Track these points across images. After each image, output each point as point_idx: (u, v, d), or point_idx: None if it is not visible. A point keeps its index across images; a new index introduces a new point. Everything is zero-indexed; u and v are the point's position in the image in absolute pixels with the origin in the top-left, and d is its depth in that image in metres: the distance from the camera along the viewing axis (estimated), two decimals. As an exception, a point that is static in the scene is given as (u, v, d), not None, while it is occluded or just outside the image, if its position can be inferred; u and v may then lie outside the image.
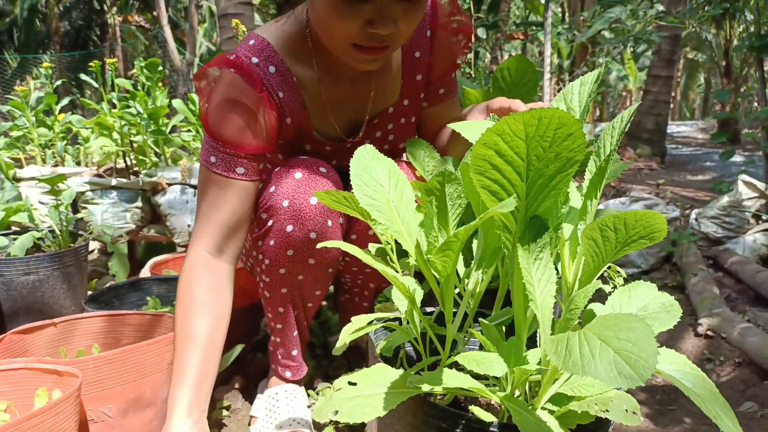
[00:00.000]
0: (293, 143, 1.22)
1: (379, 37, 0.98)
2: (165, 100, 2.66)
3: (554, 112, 0.55)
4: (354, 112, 1.22)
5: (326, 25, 1.00)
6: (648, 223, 0.60)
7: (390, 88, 1.23)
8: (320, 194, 0.77)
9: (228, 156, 1.06)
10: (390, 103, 1.24)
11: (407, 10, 0.97)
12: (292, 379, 1.29)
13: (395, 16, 0.96)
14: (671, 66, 6.11)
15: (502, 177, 0.62)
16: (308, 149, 1.23)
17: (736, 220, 2.76)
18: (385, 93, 1.23)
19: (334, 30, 0.99)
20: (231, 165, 1.07)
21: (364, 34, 0.97)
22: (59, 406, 0.88)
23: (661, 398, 1.55)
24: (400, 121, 1.27)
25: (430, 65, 1.24)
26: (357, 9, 0.94)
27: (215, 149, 1.07)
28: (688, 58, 16.46)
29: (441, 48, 1.22)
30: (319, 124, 1.20)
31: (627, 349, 0.48)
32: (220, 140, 1.06)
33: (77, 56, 11.75)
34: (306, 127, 1.19)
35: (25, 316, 1.71)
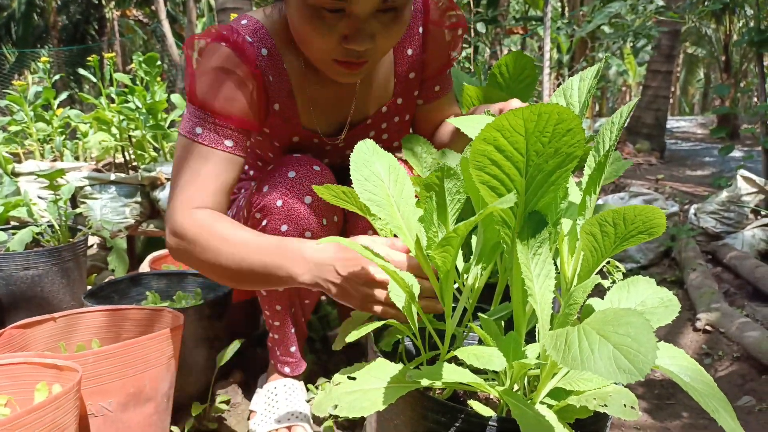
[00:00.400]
0: (280, 134, 1.19)
1: (355, 53, 0.95)
2: (163, 94, 2.65)
3: (554, 107, 0.55)
4: (341, 111, 1.20)
5: (302, 38, 0.97)
6: (647, 218, 0.60)
7: (383, 87, 1.21)
8: (320, 189, 0.77)
9: (216, 127, 1.02)
10: (383, 102, 1.22)
11: (386, 25, 0.94)
12: (291, 374, 1.29)
13: (373, 31, 0.93)
14: (671, 61, 6.10)
15: (501, 172, 0.62)
16: (296, 141, 1.20)
17: (735, 215, 2.77)
18: (377, 92, 1.21)
19: (311, 44, 0.96)
20: (219, 137, 1.02)
21: (341, 49, 0.94)
22: (59, 400, 0.88)
23: (659, 393, 1.56)
24: (393, 120, 1.26)
25: (424, 62, 1.22)
26: (331, 24, 0.91)
27: (202, 120, 1.02)
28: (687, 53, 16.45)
29: (435, 45, 1.20)
30: (306, 119, 1.18)
31: (626, 344, 0.48)
32: (209, 110, 1.01)
33: (75, 51, 11.71)
34: (293, 119, 1.16)
35: (25, 311, 1.71)
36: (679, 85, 19.80)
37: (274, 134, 1.18)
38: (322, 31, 0.92)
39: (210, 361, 1.39)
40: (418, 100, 1.27)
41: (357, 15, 0.90)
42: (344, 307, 1.54)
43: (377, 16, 0.92)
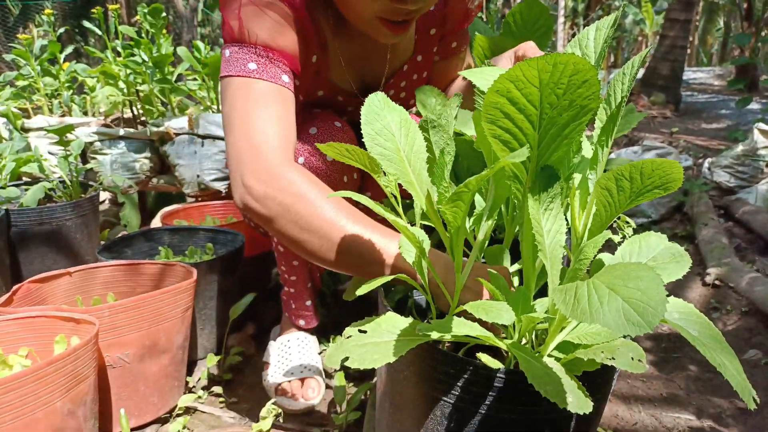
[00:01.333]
0: (309, 87, 1.16)
1: (405, 11, 0.92)
2: (170, 47, 2.61)
3: (570, 57, 0.53)
4: (368, 70, 1.19)
5: (349, 1, 0.94)
6: (665, 172, 0.59)
7: (404, 45, 1.19)
8: (323, 147, 0.76)
9: (271, 62, 0.94)
10: (404, 60, 1.21)
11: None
12: (306, 327, 1.31)
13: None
14: (690, 9, 5.90)
15: (514, 126, 0.61)
16: (321, 95, 1.19)
17: (749, 169, 2.73)
18: (401, 50, 1.19)
19: (360, 5, 0.93)
20: (276, 72, 0.94)
21: (391, 8, 0.91)
22: (78, 351, 0.90)
23: (666, 346, 1.57)
24: (412, 78, 1.25)
25: (444, 18, 1.20)
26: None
27: (254, 55, 0.94)
28: (707, 0, 15.87)
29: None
30: (334, 75, 1.16)
31: (636, 297, 0.48)
32: (263, 46, 0.94)
33: (79, 2, 11.50)
34: (324, 72, 1.13)
35: (40, 266, 1.74)
36: (697, 35, 19.21)
37: (303, 87, 1.14)
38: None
39: (223, 314, 1.42)
40: (435, 56, 1.25)
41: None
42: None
43: None
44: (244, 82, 0.93)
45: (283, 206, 0.84)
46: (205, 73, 2.56)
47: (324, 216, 0.82)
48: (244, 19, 0.95)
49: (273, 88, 0.93)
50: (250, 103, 0.92)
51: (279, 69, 0.95)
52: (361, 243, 0.82)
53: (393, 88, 1.24)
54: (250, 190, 0.86)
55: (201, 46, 2.58)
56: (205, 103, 2.71)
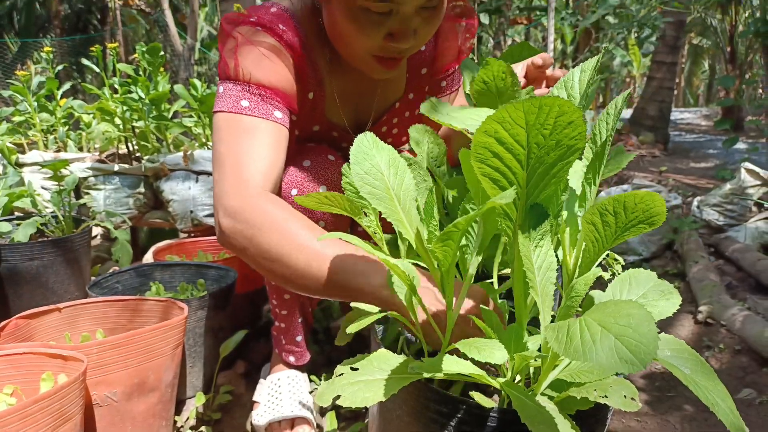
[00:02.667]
0: (305, 122, 1.18)
1: (397, 50, 0.96)
2: (167, 85, 2.65)
3: (555, 100, 0.55)
4: (360, 107, 1.22)
5: (344, 37, 0.97)
6: (647, 206, 0.60)
7: (396, 83, 1.22)
8: (300, 198, 0.77)
9: (263, 99, 0.97)
10: (396, 98, 1.24)
11: (426, 20, 0.95)
12: (296, 364, 1.30)
13: (415, 27, 0.94)
14: (675, 52, 6.07)
15: (502, 165, 0.62)
16: (316, 130, 1.20)
17: (738, 207, 2.76)
18: (392, 88, 1.22)
19: (353, 43, 0.96)
20: (268, 108, 0.97)
21: (384, 47, 0.95)
22: (65, 390, 0.89)
23: (660, 385, 1.56)
24: (404, 115, 1.27)
25: (435, 57, 1.23)
26: (377, 23, 0.92)
27: (247, 92, 0.97)
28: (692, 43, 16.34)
29: (445, 39, 1.21)
30: (329, 111, 1.18)
31: (627, 335, 0.48)
32: (255, 83, 0.97)
33: (78, 41, 11.68)
34: (320, 108, 1.16)
35: (30, 302, 1.72)
36: (683, 77, 19.69)
37: (299, 122, 1.16)
38: (367, 30, 0.92)
39: (213, 351, 1.40)
40: (426, 95, 1.28)
41: (403, 14, 0.91)
42: (347, 299, 1.54)
43: (419, 12, 0.93)
44: (235, 119, 0.95)
45: (248, 239, 0.86)
46: (201, 111, 2.60)
47: (287, 241, 0.84)
48: (239, 57, 0.98)
49: (263, 124, 0.96)
50: (238, 139, 0.94)
51: (271, 106, 0.97)
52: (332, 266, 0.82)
53: (386, 124, 1.27)
54: (222, 226, 0.89)
55: (198, 83, 2.62)
56: (200, 139, 2.74)
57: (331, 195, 0.76)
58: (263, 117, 0.96)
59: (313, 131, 1.20)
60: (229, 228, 0.88)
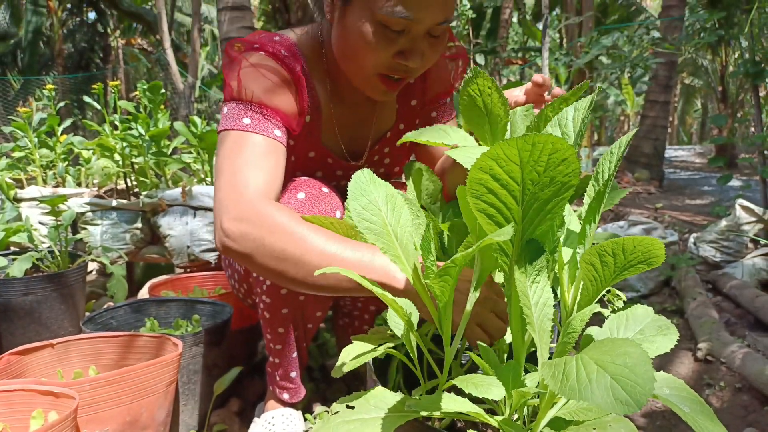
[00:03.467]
0: (301, 147, 1.20)
1: (405, 68, 1.00)
2: (167, 122, 2.68)
3: (548, 138, 0.56)
4: (355, 136, 1.25)
5: (354, 54, 1.01)
6: (646, 248, 0.61)
7: (387, 113, 1.26)
8: (308, 217, 0.78)
9: (264, 118, 1.01)
10: (387, 127, 1.28)
11: (432, 45, 1.00)
12: (290, 401, 1.28)
13: (423, 49, 0.98)
14: (668, 91, 6.18)
15: (498, 201, 0.63)
16: (312, 156, 1.23)
17: (734, 244, 2.77)
18: (384, 118, 1.26)
19: (363, 59, 1.00)
20: (269, 126, 1.01)
21: (392, 64, 0.99)
22: (55, 428, 0.87)
23: (661, 424, 1.54)
24: (395, 145, 1.30)
25: (425, 89, 1.27)
26: (390, 40, 0.96)
27: (249, 111, 1.01)
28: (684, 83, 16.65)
29: (435, 72, 1.26)
30: (325, 138, 1.21)
31: (624, 375, 0.48)
32: (257, 102, 1.01)
33: (80, 78, 11.86)
34: (316, 134, 1.19)
35: (23, 337, 1.70)
36: (677, 115, 20.00)
37: (296, 147, 1.19)
38: (380, 46, 0.96)
39: (208, 388, 1.38)
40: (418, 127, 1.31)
41: (415, 34, 0.96)
42: (342, 334, 1.53)
43: (426, 37, 0.98)
44: (237, 135, 0.99)
45: (257, 241, 0.86)
46: (200, 147, 2.62)
47: (298, 243, 0.84)
48: (242, 79, 1.03)
49: (264, 140, 1.00)
50: (240, 153, 0.97)
51: (272, 124, 1.02)
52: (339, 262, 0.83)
53: (377, 154, 1.30)
54: (227, 231, 0.89)
55: (197, 121, 2.65)
56: (198, 175, 2.75)
57: (336, 221, 0.77)
58: (264, 134, 1.00)
59: (308, 157, 1.23)
60: (234, 232, 0.88)
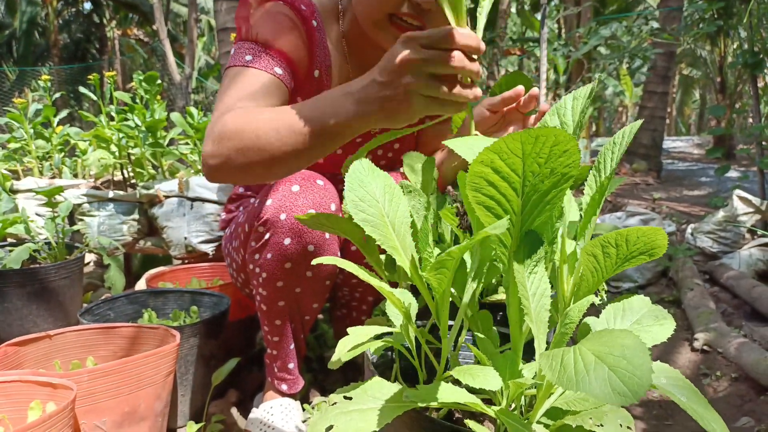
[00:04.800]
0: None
1: (418, 10, 0.98)
2: (163, 113, 2.67)
3: (551, 130, 0.56)
4: None
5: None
6: (650, 239, 0.61)
7: None
8: (300, 217, 0.78)
9: (268, 55, 1.02)
10: None
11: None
12: (289, 392, 1.28)
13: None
14: (666, 82, 6.17)
15: (497, 193, 0.62)
16: None
17: (731, 235, 2.77)
18: None
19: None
20: (270, 63, 1.02)
21: (406, 3, 0.98)
22: (53, 419, 0.87)
23: (657, 413, 1.55)
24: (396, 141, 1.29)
25: None
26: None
27: (253, 50, 1.02)
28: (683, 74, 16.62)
29: None
30: None
31: (621, 366, 0.48)
32: (262, 42, 1.03)
33: (76, 69, 11.79)
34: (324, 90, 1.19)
35: (20, 328, 1.70)
36: (675, 106, 19.98)
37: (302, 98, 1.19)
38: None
39: (206, 379, 1.38)
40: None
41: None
42: (340, 325, 1.53)
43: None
44: (238, 70, 1.00)
45: (231, 141, 0.85)
46: (197, 138, 2.61)
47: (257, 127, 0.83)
48: (252, 21, 1.04)
49: (260, 74, 1.00)
50: (233, 85, 0.98)
51: (273, 61, 1.02)
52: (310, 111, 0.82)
53: (380, 147, 1.29)
54: (204, 154, 0.89)
55: (194, 111, 2.64)
56: (195, 166, 2.74)
57: (332, 217, 0.76)
58: (263, 69, 1.00)
59: None
60: (209, 151, 0.88)
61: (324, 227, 0.79)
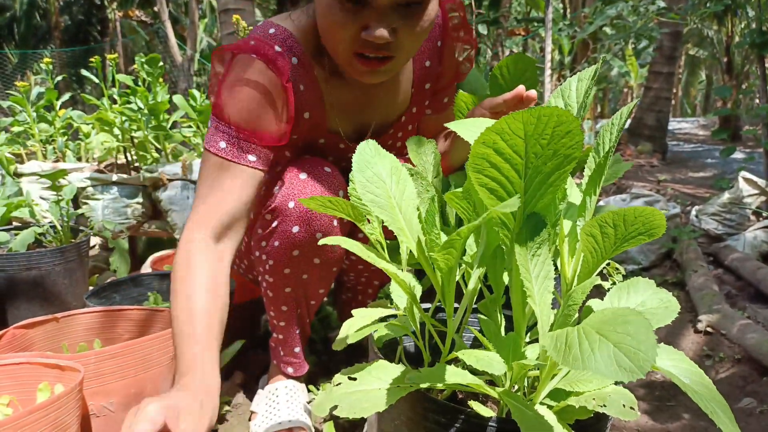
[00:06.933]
0: (306, 138, 1.19)
1: (375, 45, 0.95)
2: (166, 95, 2.66)
3: (553, 110, 0.55)
4: (366, 118, 1.23)
5: (326, 32, 0.99)
6: (647, 219, 0.61)
7: (401, 96, 1.24)
8: (305, 200, 0.78)
9: (241, 142, 1.01)
10: (401, 111, 1.26)
11: (406, 18, 0.94)
12: (294, 375, 1.29)
13: (393, 24, 0.94)
14: (672, 62, 6.10)
15: (500, 175, 0.62)
16: (322, 143, 1.22)
17: (736, 216, 2.76)
18: (396, 101, 1.24)
19: (333, 37, 0.97)
20: (243, 152, 1.01)
21: (361, 40, 0.95)
22: (61, 400, 0.88)
23: (660, 394, 1.56)
24: (408, 128, 1.30)
25: (439, 75, 1.26)
26: (353, 14, 0.93)
27: (226, 134, 1.01)
28: (689, 54, 16.42)
29: (449, 58, 1.24)
30: (332, 123, 1.19)
31: (626, 342, 0.48)
32: (234, 126, 1.01)
33: (78, 52, 11.73)
34: (322, 124, 1.17)
35: (27, 311, 1.71)
36: (681, 87, 19.79)
37: (301, 139, 1.19)
38: (343, 21, 0.93)
39: (211, 361, 1.39)
40: (427, 110, 1.31)
41: (377, 6, 0.92)
42: (345, 309, 1.54)
43: (398, 9, 0.94)
44: (213, 160, 1.02)
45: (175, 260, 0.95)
46: (200, 121, 2.60)
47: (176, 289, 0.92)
48: (222, 97, 1.02)
49: (234, 169, 1.02)
50: (210, 180, 1.01)
51: (245, 151, 1.02)
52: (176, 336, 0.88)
53: (391, 138, 1.29)
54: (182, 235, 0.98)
55: (197, 94, 2.63)
56: (198, 149, 2.74)
57: (334, 200, 0.76)
58: (236, 161, 1.01)
59: (319, 144, 1.22)
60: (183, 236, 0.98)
61: (327, 209, 0.78)
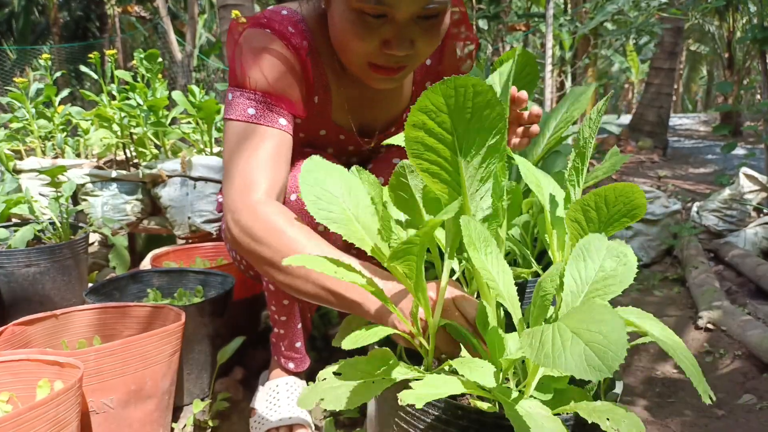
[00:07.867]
0: (310, 126, 1.19)
1: (395, 58, 0.95)
2: (165, 91, 2.65)
3: (468, 80, 0.57)
4: (369, 114, 1.23)
5: (342, 42, 0.97)
6: (627, 198, 0.62)
7: (405, 93, 1.24)
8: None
9: (269, 107, 1.00)
10: (401, 108, 1.26)
11: (426, 30, 0.94)
12: (295, 370, 1.29)
13: (412, 36, 0.93)
14: (674, 58, 6.08)
15: (437, 157, 0.64)
16: (323, 134, 1.21)
17: (737, 213, 2.76)
18: (399, 100, 1.24)
19: (350, 48, 0.96)
20: (274, 116, 1.00)
21: (381, 54, 0.95)
22: (61, 397, 0.88)
23: (660, 391, 1.56)
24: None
25: (438, 73, 1.26)
26: (374, 29, 0.92)
27: (253, 101, 1.00)
28: (690, 50, 16.38)
29: (450, 56, 1.24)
30: (336, 115, 1.19)
31: (597, 342, 0.49)
32: (262, 92, 1.00)
33: (76, 48, 11.69)
34: (327, 113, 1.17)
35: (26, 308, 1.71)
36: (681, 83, 19.75)
37: (304, 125, 1.18)
38: (363, 35, 0.92)
39: (211, 358, 1.39)
40: None
41: (399, 20, 0.91)
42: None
43: (418, 21, 0.93)
44: (243, 127, 0.99)
45: (250, 246, 0.87)
46: (199, 117, 2.59)
47: (287, 250, 0.84)
48: (246, 66, 1.01)
49: (269, 132, 0.99)
50: (245, 147, 0.97)
51: (276, 113, 1.00)
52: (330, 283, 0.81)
53: (393, 135, 1.28)
54: (231, 231, 0.91)
55: (196, 90, 2.62)
56: (198, 146, 2.73)
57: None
58: (269, 125, 0.99)
59: (320, 134, 1.22)
60: (235, 237, 0.91)
61: None
